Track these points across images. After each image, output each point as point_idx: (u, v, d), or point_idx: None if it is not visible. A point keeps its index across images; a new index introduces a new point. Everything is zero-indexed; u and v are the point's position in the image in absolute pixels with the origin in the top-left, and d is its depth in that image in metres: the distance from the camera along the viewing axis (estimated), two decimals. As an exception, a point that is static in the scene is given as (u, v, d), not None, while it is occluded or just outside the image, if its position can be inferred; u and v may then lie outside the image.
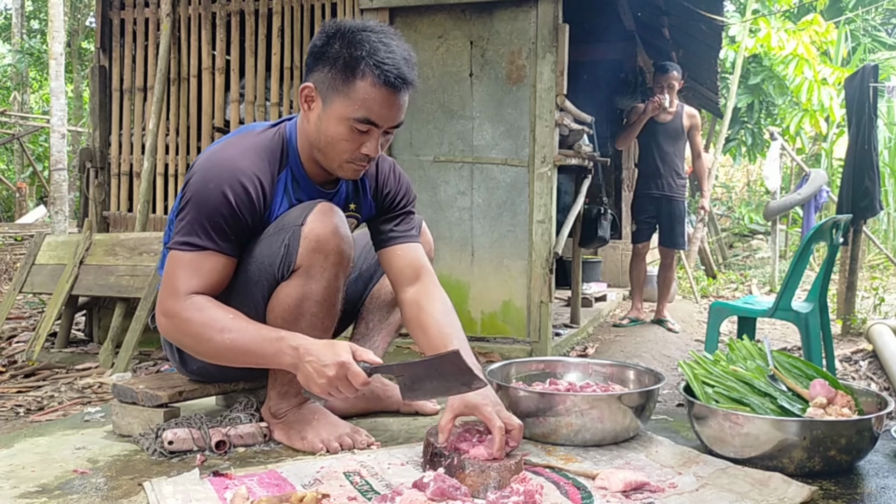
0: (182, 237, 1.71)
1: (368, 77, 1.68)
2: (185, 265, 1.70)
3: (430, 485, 1.43)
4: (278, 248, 1.74)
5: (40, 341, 4.51)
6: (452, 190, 4.54)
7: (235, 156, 1.75)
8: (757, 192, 15.90)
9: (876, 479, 1.64)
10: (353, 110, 1.70)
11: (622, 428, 1.83)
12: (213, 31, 5.06)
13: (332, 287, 1.78)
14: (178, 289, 1.69)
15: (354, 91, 1.69)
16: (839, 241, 3.75)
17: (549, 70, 4.29)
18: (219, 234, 1.71)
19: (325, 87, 1.72)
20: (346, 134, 1.72)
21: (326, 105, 1.73)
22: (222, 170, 1.72)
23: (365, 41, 1.68)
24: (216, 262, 1.72)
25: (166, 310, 1.70)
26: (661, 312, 5.82)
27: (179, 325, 1.69)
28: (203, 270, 1.71)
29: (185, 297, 1.68)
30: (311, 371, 1.57)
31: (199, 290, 1.70)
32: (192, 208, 1.71)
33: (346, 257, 1.78)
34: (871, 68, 5.32)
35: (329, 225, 1.74)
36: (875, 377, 4.10)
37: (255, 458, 1.78)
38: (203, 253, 1.71)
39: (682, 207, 5.75)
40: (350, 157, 1.76)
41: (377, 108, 1.70)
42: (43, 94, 18.90)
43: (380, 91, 1.68)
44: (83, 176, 5.33)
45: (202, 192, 1.70)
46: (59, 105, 8.86)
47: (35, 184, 16.07)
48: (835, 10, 11.54)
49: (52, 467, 1.70)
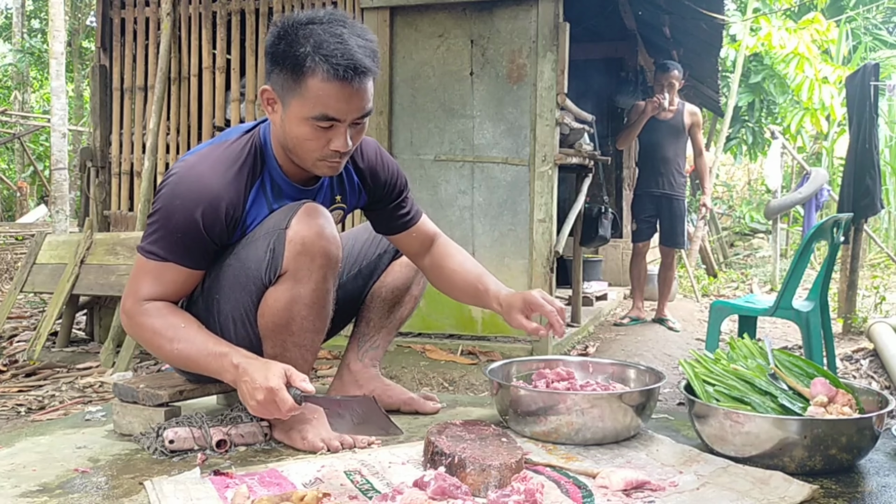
0: (148, 244, 1.73)
1: (318, 73, 1.61)
2: (148, 272, 1.73)
3: (430, 483, 1.42)
4: (264, 253, 1.72)
5: (41, 341, 4.52)
6: (453, 189, 4.54)
7: (206, 173, 1.72)
8: (758, 190, 15.90)
9: (877, 477, 1.64)
10: (310, 109, 1.64)
11: (623, 427, 1.83)
12: (213, 30, 5.06)
13: (320, 289, 1.76)
14: (138, 292, 1.73)
15: (306, 89, 1.63)
16: (840, 240, 3.75)
17: (549, 69, 4.29)
18: (182, 251, 1.72)
19: (280, 88, 1.68)
20: (310, 133, 1.67)
21: (285, 107, 1.68)
22: (191, 190, 1.69)
23: (310, 35, 1.62)
24: (177, 274, 1.74)
25: (125, 308, 1.75)
26: (661, 311, 5.82)
27: (134, 328, 1.75)
28: (164, 280, 1.73)
29: (140, 303, 1.72)
30: (245, 391, 1.60)
31: (158, 297, 1.73)
32: (159, 220, 1.72)
33: (334, 259, 1.75)
34: (872, 67, 5.32)
35: (314, 227, 1.71)
36: (876, 376, 4.10)
37: (256, 457, 1.77)
38: (165, 264, 1.72)
39: (682, 206, 5.74)
40: (320, 154, 1.71)
41: (333, 103, 1.63)
42: (44, 93, 18.90)
43: (332, 85, 1.61)
44: (84, 175, 5.34)
45: (169, 209, 1.70)
46: (60, 104, 8.86)
47: (36, 183, 16.08)
48: (836, 8, 11.53)
49: (53, 466, 1.70)
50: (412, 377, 3.97)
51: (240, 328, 1.79)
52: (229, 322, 1.79)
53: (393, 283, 2.15)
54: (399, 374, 3.98)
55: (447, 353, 4.33)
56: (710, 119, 13.42)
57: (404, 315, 2.18)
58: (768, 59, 10.63)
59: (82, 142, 14.47)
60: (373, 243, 2.16)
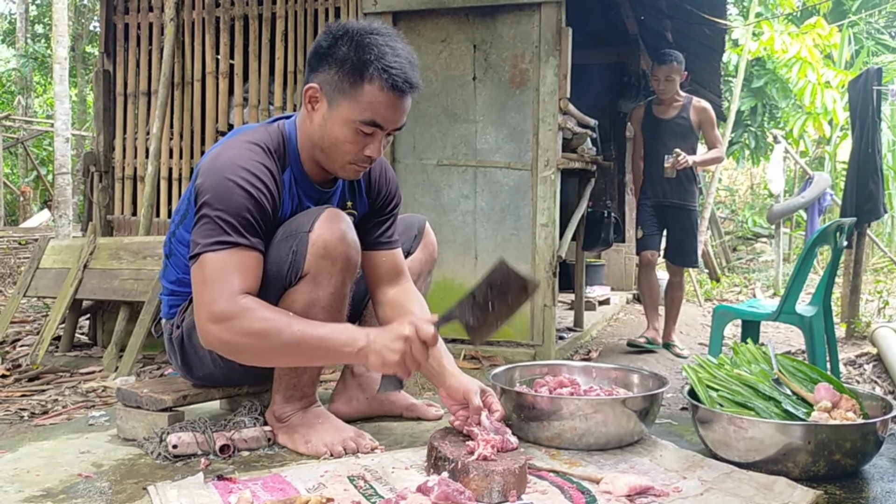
0: (209, 238, 1.65)
1: (376, 81, 1.68)
2: (220, 266, 1.64)
3: (434, 489, 1.42)
4: (286, 255, 1.74)
5: (44, 345, 4.52)
6: (456, 193, 4.55)
7: (241, 153, 1.74)
8: (760, 195, 15.89)
9: (881, 483, 1.63)
10: (360, 113, 1.70)
11: (626, 432, 1.83)
12: (216, 35, 5.07)
13: (338, 293, 1.79)
14: (224, 291, 1.62)
15: (362, 94, 1.69)
16: (843, 245, 3.74)
17: (552, 73, 4.29)
18: (247, 229, 1.68)
19: (331, 88, 1.72)
20: (351, 136, 1.73)
21: (332, 107, 1.73)
22: (234, 166, 1.71)
23: (373, 44, 1.69)
24: (249, 257, 1.68)
25: (219, 315, 1.61)
26: (669, 336, 5.08)
27: (240, 327, 1.61)
28: (240, 268, 1.65)
29: (236, 299, 1.62)
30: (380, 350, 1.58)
31: (243, 291, 1.64)
32: (213, 209, 1.67)
33: (354, 263, 1.79)
34: (875, 71, 5.32)
35: (336, 231, 1.74)
36: (879, 381, 4.09)
37: (260, 462, 1.78)
38: (235, 250, 1.66)
39: (693, 218, 5.07)
40: (353, 158, 1.77)
41: (383, 112, 1.71)
42: (47, 98, 18.96)
43: (387, 95, 1.69)
44: (87, 180, 5.35)
45: (220, 192, 1.68)
46: (63, 109, 8.88)
47: (39, 188, 16.11)
48: (838, 13, 11.54)
49: (57, 471, 1.71)
50: (415, 382, 3.96)
51: None
52: None
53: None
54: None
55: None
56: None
57: None
58: (771, 63, 10.63)
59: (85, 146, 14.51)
60: None
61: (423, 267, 2.23)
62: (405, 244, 2.15)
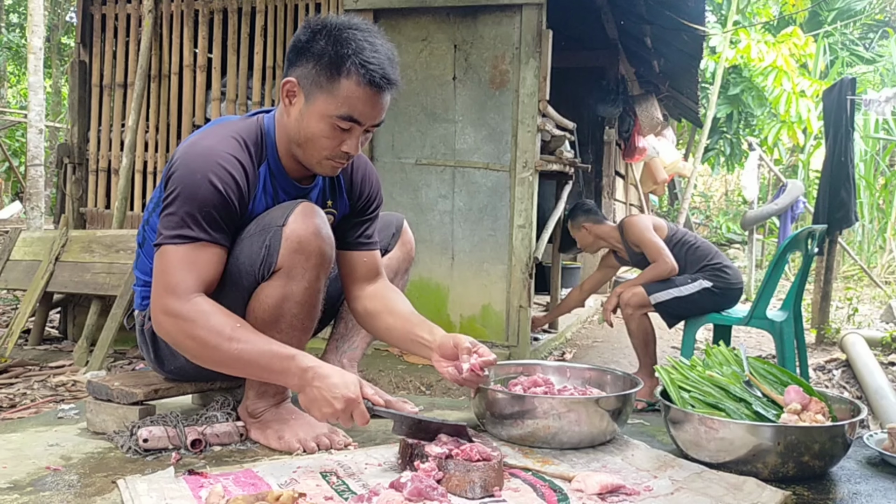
0: (173, 230, 1.67)
1: (354, 76, 1.67)
2: (180, 259, 1.65)
3: (407, 485, 1.42)
4: (259, 249, 1.73)
5: (14, 338, 4.46)
6: (434, 193, 4.55)
7: (216, 144, 1.73)
8: (734, 201, 16.08)
9: (848, 484, 1.66)
10: (337, 108, 1.69)
11: (599, 431, 1.84)
12: (195, 28, 5.03)
13: (312, 288, 1.77)
14: (178, 286, 1.64)
15: (339, 89, 1.68)
16: (814, 252, 3.79)
17: (532, 75, 4.31)
18: (210, 224, 1.68)
19: (309, 82, 1.71)
20: (328, 131, 1.72)
21: (309, 101, 1.72)
22: (206, 159, 1.70)
23: (351, 39, 1.68)
24: (211, 253, 1.69)
25: (168, 309, 1.65)
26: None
27: (183, 327, 1.64)
28: (198, 264, 1.67)
29: (188, 297, 1.64)
30: (318, 397, 1.60)
31: (198, 289, 1.66)
32: (180, 201, 1.67)
33: (328, 258, 1.77)
34: (849, 81, 5.40)
35: (311, 226, 1.72)
36: (848, 386, 4.15)
37: (231, 457, 1.76)
38: (197, 244, 1.67)
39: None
40: (330, 153, 1.76)
41: (361, 107, 1.70)
42: (21, 88, 18.66)
43: (364, 90, 1.68)
44: (61, 172, 5.28)
45: (189, 184, 1.67)
46: (38, 100, 8.76)
47: (11, 179, 15.85)
48: (814, 23, 11.70)
49: (25, 464, 1.68)
50: (389, 381, 3.96)
51: None
52: None
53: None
54: (376, 377, 3.97)
55: (424, 358, 4.32)
56: (689, 130, 13.55)
57: None
58: (747, 71, 10.76)
59: (59, 138, 14.31)
60: None
61: (401, 265, 2.23)
62: (383, 241, 2.15)
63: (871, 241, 10.34)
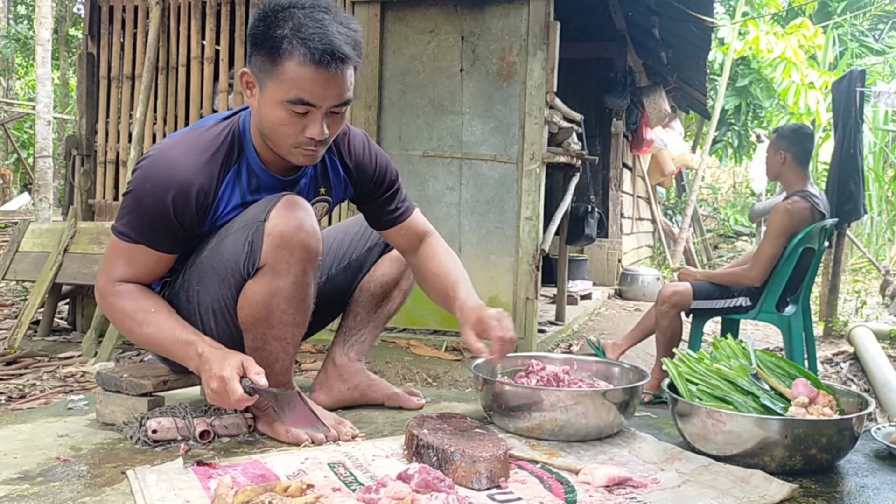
0: (120, 225, 1.73)
1: (295, 56, 1.59)
2: (120, 253, 1.74)
3: (414, 476, 1.43)
4: (242, 246, 1.70)
5: (23, 329, 4.48)
6: (441, 185, 4.54)
7: (178, 158, 1.70)
8: (742, 193, 16.02)
9: (856, 478, 1.65)
10: (285, 92, 1.61)
11: (606, 424, 1.84)
12: (202, 20, 5.03)
13: (300, 282, 1.73)
14: (112, 272, 1.74)
15: (282, 72, 1.61)
16: (825, 246, 3.77)
17: (539, 67, 4.30)
18: (151, 234, 1.71)
19: (258, 70, 1.66)
20: (285, 118, 1.65)
21: (262, 90, 1.66)
22: (162, 175, 1.68)
23: (289, 18, 1.60)
24: (148, 257, 1.73)
25: (98, 287, 1.76)
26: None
27: (106, 308, 1.77)
28: (135, 262, 1.73)
29: (113, 284, 1.74)
30: (204, 379, 1.63)
31: (130, 279, 1.74)
32: (131, 202, 1.71)
33: (313, 252, 1.73)
34: (858, 73, 5.37)
35: (293, 220, 1.68)
36: (856, 379, 4.14)
37: (240, 448, 1.77)
38: (136, 246, 1.72)
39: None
40: (295, 141, 1.68)
41: (309, 87, 1.61)
42: (29, 80, 18.71)
43: (308, 69, 1.59)
44: (69, 163, 5.30)
45: (140, 192, 1.69)
46: (46, 92, 8.79)
47: (19, 171, 15.92)
48: (823, 14, 11.63)
49: (35, 454, 1.69)
50: (396, 372, 3.97)
51: (220, 320, 1.78)
52: (209, 314, 1.78)
53: (382, 277, 2.14)
54: (383, 369, 3.98)
55: (431, 349, 4.33)
56: (697, 121, 13.49)
57: (392, 310, 2.17)
58: (755, 63, 10.70)
59: (67, 130, 14.35)
60: (363, 236, 2.14)
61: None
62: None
63: (880, 234, 10.30)
